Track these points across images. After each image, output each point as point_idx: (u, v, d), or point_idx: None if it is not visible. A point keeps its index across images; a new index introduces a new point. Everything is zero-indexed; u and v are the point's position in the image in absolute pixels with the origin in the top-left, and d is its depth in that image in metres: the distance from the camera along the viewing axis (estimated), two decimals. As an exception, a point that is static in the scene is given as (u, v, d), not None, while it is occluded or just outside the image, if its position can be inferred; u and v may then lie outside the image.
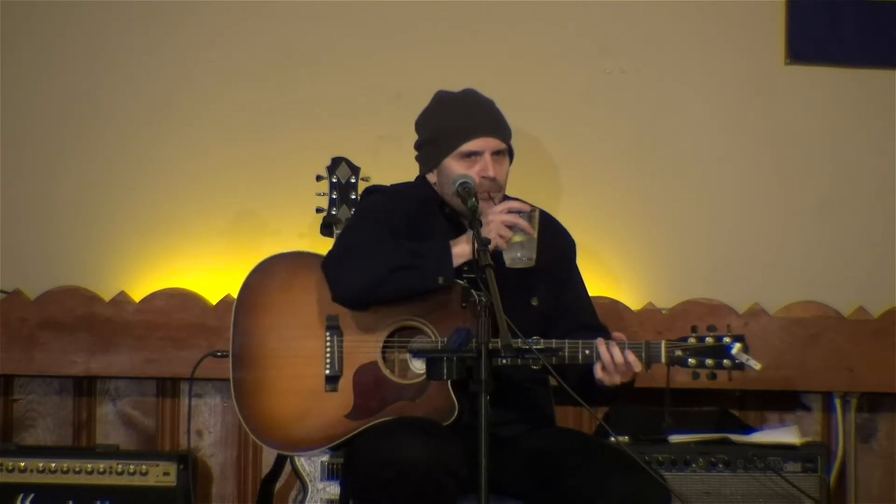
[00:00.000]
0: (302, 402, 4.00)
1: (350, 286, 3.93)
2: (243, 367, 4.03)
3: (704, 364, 3.89)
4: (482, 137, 4.05)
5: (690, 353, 3.90)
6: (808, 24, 5.33)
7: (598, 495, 3.78)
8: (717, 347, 3.89)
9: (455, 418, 3.88)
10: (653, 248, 5.33)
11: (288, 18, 5.31)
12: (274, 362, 4.02)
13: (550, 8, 5.31)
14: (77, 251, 5.27)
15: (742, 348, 3.88)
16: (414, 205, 4.12)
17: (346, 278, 3.94)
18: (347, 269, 3.94)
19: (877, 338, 5.22)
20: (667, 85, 5.35)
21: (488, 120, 4.09)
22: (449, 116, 4.10)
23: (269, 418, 4.01)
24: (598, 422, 4.82)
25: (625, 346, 3.88)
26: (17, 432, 5.24)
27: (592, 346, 3.89)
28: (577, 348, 3.88)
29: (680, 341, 3.91)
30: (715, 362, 3.88)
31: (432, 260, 3.89)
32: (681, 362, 3.90)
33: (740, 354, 3.88)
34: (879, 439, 5.32)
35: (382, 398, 3.96)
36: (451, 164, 4.06)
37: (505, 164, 4.09)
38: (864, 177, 5.35)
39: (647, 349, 3.89)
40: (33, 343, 5.16)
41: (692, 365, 3.89)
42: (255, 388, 4.02)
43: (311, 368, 4.00)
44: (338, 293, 3.96)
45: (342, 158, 4.86)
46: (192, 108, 5.30)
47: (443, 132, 4.08)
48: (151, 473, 4.87)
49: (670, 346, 3.91)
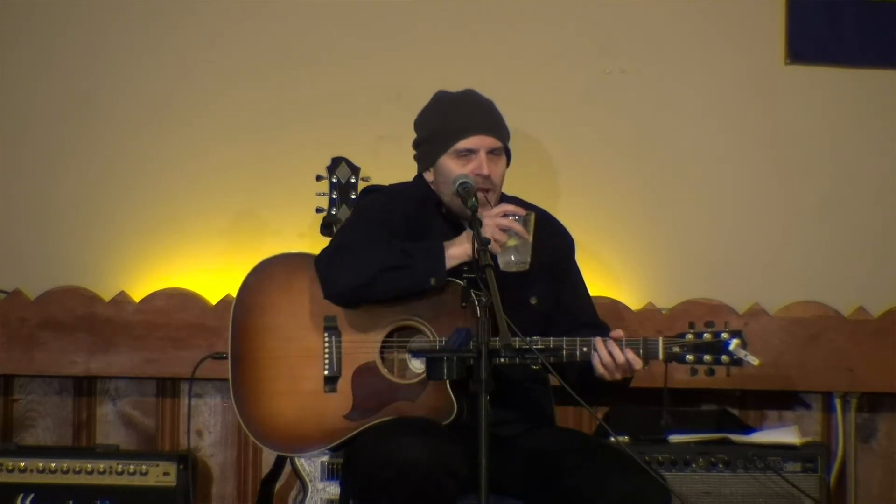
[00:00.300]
0: (301, 402, 3.99)
1: (340, 284, 3.94)
2: (242, 369, 4.03)
3: (702, 360, 3.88)
4: (477, 135, 4.05)
5: (688, 350, 3.88)
6: (808, 24, 5.32)
7: (598, 495, 3.78)
8: (715, 343, 3.88)
9: (454, 418, 3.88)
10: (653, 248, 5.33)
11: (288, 18, 5.31)
12: (273, 363, 4.02)
13: (550, 8, 5.31)
14: (77, 251, 5.27)
15: (740, 344, 3.87)
16: (412, 204, 4.12)
17: (337, 276, 3.94)
18: (338, 268, 3.94)
19: (877, 338, 5.22)
20: (667, 85, 5.35)
21: (484, 119, 4.09)
22: (446, 115, 4.10)
23: (269, 420, 4.01)
24: (598, 422, 4.81)
25: (622, 344, 3.88)
26: (17, 432, 5.24)
27: (590, 344, 3.88)
28: (574, 346, 3.88)
29: (677, 337, 3.90)
30: (713, 358, 3.87)
31: (425, 260, 3.89)
32: (678, 358, 3.89)
33: (738, 350, 3.87)
34: (879, 439, 5.32)
35: (381, 398, 3.95)
36: (446, 162, 4.06)
37: (501, 163, 4.09)
38: (864, 177, 5.35)
39: (645, 345, 3.89)
40: (33, 343, 5.16)
41: (690, 361, 3.88)
42: (254, 390, 4.02)
43: (310, 369, 4.00)
44: (328, 291, 3.96)
45: (342, 158, 4.86)
46: (192, 108, 5.30)
47: (439, 130, 4.09)
48: (151, 473, 4.87)
49: (668, 342, 3.90)
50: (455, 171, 4.03)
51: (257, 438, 4.02)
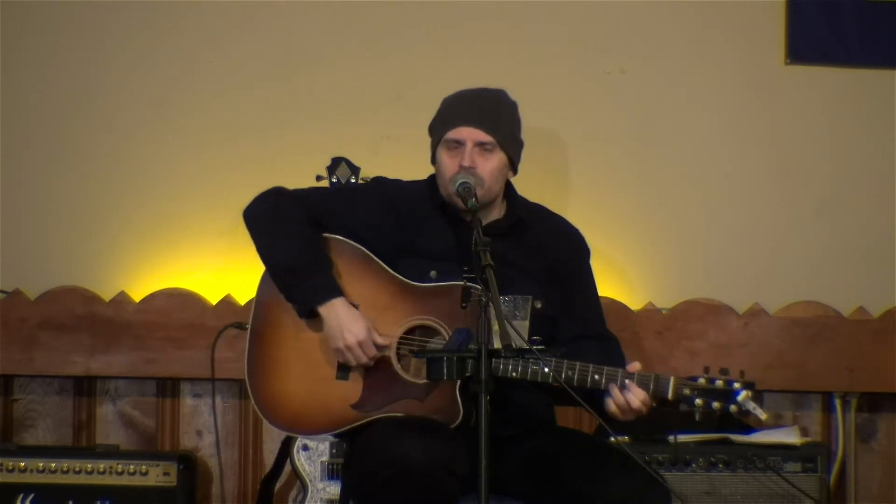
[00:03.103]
0: (312, 386, 3.99)
1: (249, 222, 4.10)
2: (259, 344, 4.04)
3: (710, 407, 3.81)
4: (466, 126, 4.01)
5: (698, 394, 3.82)
6: (808, 24, 5.32)
7: (599, 496, 3.78)
8: (726, 392, 3.81)
9: (459, 423, 3.87)
10: (653, 248, 5.33)
11: (288, 18, 5.31)
12: (291, 343, 4.02)
13: (550, 8, 5.31)
14: (77, 251, 5.27)
15: (750, 395, 3.82)
16: (412, 201, 4.11)
17: (254, 216, 4.09)
18: (260, 216, 4.07)
19: (877, 338, 5.22)
20: (667, 85, 5.35)
21: (478, 112, 4.04)
22: (445, 109, 4.09)
23: (277, 397, 4.01)
24: (599, 422, 4.81)
25: (634, 378, 3.85)
26: (17, 432, 5.24)
27: (602, 372, 3.85)
28: (587, 372, 3.85)
29: (689, 380, 3.84)
30: (721, 406, 3.80)
31: (304, 291, 3.96)
32: (687, 401, 3.83)
33: (747, 402, 3.81)
34: (879, 439, 5.32)
35: (390, 393, 3.95)
36: (440, 153, 4.05)
37: (492, 159, 4.03)
38: (864, 177, 5.35)
39: (656, 383, 3.85)
40: (33, 343, 5.16)
41: (698, 406, 3.81)
42: (268, 367, 4.02)
43: (325, 355, 4.00)
44: (244, 213, 4.12)
45: (342, 158, 4.86)
46: (192, 108, 5.30)
47: (437, 122, 4.08)
48: (151, 473, 4.87)
49: (679, 383, 3.84)
50: (446, 162, 4.02)
51: (264, 415, 4.02)
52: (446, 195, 4.05)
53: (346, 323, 3.93)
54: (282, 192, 4.12)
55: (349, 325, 3.93)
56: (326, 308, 3.95)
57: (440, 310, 3.96)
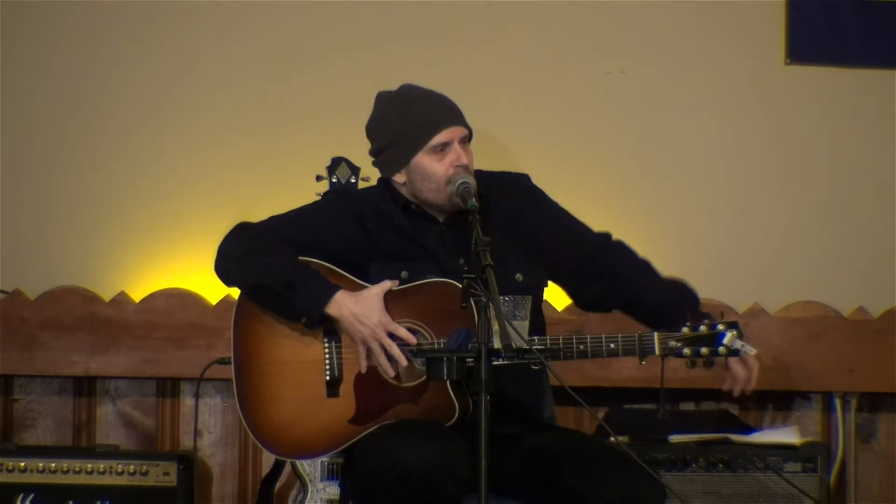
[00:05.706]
0: (305, 408, 3.98)
1: (223, 273, 4.07)
2: (246, 374, 4.03)
3: (699, 353, 3.84)
4: (448, 128, 4.01)
5: (685, 343, 3.85)
6: (808, 24, 5.32)
7: (598, 496, 3.77)
8: (711, 335, 3.85)
9: (456, 419, 3.87)
10: (652, 247, 5.31)
11: (288, 18, 5.31)
12: (277, 369, 4.01)
13: (550, 8, 5.31)
14: (77, 251, 5.27)
15: (736, 335, 3.86)
16: (373, 207, 4.09)
17: (225, 263, 4.06)
18: (229, 256, 4.05)
19: (877, 338, 5.22)
20: (667, 85, 5.35)
21: (449, 110, 4.06)
22: (409, 114, 4.05)
23: (274, 426, 3.99)
24: (599, 422, 4.81)
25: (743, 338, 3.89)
26: (17, 432, 5.24)
27: (617, 340, 3.86)
28: (600, 343, 3.86)
29: (673, 331, 3.88)
30: (710, 350, 3.84)
31: (306, 297, 3.93)
32: (675, 352, 3.85)
33: (734, 341, 3.84)
34: (879, 439, 5.32)
35: (383, 402, 3.94)
36: (422, 161, 4.02)
37: (469, 149, 4.06)
38: (864, 177, 5.35)
39: (640, 342, 3.86)
40: (33, 343, 5.16)
41: (687, 355, 3.84)
42: (258, 396, 4.01)
43: (312, 375, 3.99)
44: (215, 265, 4.08)
45: (342, 158, 4.86)
46: (192, 108, 5.30)
47: (407, 131, 4.04)
48: (151, 473, 4.87)
49: (663, 337, 3.87)
50: (435, 167, 4.00)
51: (265, 446, 4.02)
52: (441, 198, 4.02)
53: (358, 312, 3.91)
54: (247, 225, 4.11)
55: (360, 313, 3.91)
56: (333, 307, 3.93)
57: (415, 309, 3.95)
